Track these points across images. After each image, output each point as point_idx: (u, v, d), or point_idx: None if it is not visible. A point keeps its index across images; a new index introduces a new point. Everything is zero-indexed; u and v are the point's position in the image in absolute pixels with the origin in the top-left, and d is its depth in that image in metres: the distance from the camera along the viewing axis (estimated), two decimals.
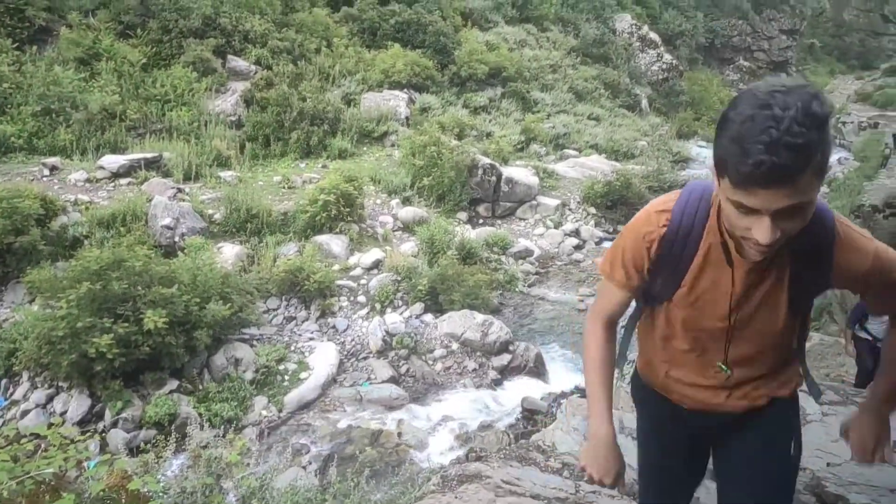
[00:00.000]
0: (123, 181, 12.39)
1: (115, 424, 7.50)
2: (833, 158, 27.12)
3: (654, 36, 34.19)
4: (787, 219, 1.35)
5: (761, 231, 1.36)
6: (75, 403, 7.65)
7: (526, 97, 22.50)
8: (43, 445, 3.48)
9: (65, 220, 10.50)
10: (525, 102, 22.36)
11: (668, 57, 33.75)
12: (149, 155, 13.17)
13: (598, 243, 15.11)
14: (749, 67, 51.81)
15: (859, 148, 26.16)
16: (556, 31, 29.19)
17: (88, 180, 12.15)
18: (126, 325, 7.56)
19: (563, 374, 9.90)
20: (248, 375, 8.78)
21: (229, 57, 17.21)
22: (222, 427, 7.61)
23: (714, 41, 48.66)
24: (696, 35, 43.41)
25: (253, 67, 17.29)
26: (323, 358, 9.46)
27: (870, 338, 6.66)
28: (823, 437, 5.13)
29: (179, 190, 12.42)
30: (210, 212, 11.95)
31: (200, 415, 7.76)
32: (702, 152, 25.71)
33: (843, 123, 31.08)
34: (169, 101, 15.18)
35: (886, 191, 15.84)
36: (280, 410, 8.52)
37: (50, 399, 7.78)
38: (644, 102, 28.61)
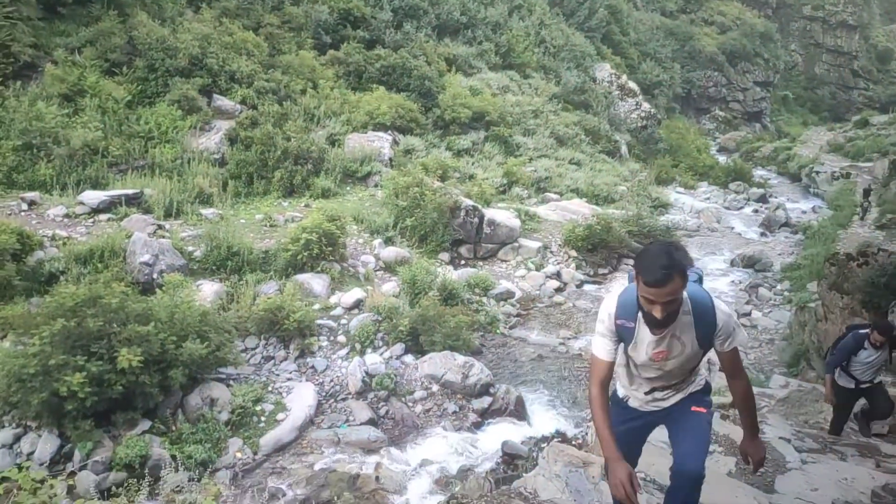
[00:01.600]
0: (103, 217, 12.29)
1: (84, 466, 7.26)
2: (807, 206, 27.81)
3: (632, 85, 35.12)
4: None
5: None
6: (43, 444, 7.41)
7: (508, 141, 22.87)
8: (14, 490, 3.36)
9: (41, 255, 10.34)
10: (507, 146, 22.72)
11: (646, 105, 34.64)
12: (130, 191, 13.11)
13: (578, 286, 15.19)
14: (724, 117, 53.31)
15: (832, 197, 26.85)
16: (539, 78, 29.90)
17: (67, 215, 12.04)
18: (99, 363, 7.39)
19: (545, 417, 9.82)
20: (224, 416, 8.59)
21: (215, 96, 17.34)
22: (196, 470, 7.40)
23: (691, 91, 50.13)
24: (673, 85, 44.73)
25: (238, 107, 17.42)
26: (301, 399, 9.30)
27: (852, 385, 6.66)
28: (804, 485, 5.12)
29: (160, 226, 12.34)
30: (190, 249, 11.86)
31: (173, 457, 7.53)
32: (679, 198, 26.20)
33: (817, 173, 31.92)
34: (153, 138, 15.20)
35: (860, 239, 16.22)
36: (255, 453, 8.31)
37: (17, 439, 7.52)
38: (623, 148, 29.21)
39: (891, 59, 67.18)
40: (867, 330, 6.56)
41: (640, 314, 2.84)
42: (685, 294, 2.83)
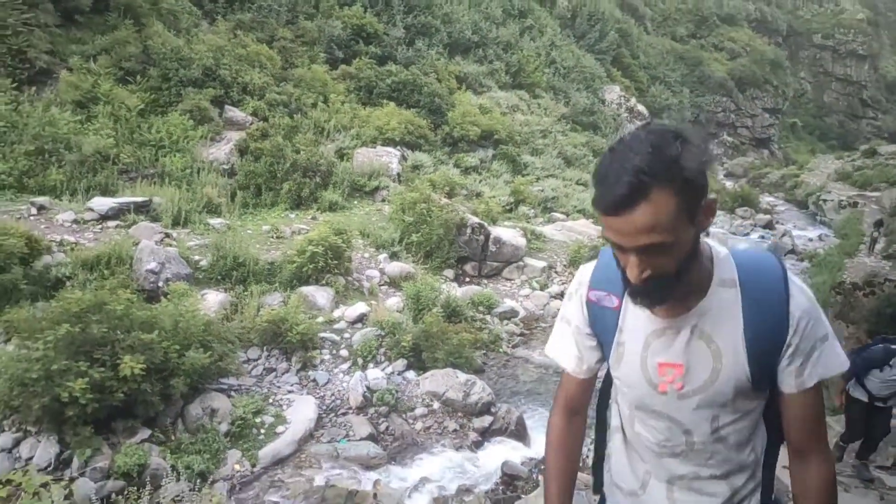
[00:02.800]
0: (111, 224, 12.35)
1: (82, 473, 7.23)
2: (813, 234, 27.75)
3: (641, 108, 35.28)
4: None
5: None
6: (43, 449, 7.38)
7: (516, 160, 22.94)
8: (17, 493, 3.35)
9: (49, 259, 10.38)
10: (515, 165, 22.79)
11: None
12: (139, 199, 13.18)
13: None
14: (733, 143, 53.41)
15: (839, 226, 26.82)
16: (548, 99, 30.05)
17: (76, 221, 12.10)
18: (102, 369, 7.38)
19: (545, 438, 9.75)
20: (224, 427, 8.56)
21: (226, 107, 17.49)
22: (194, 480, 7.36)
23: (699, 116, 50.24)
24: (682, 109, 44.87)
25: (249, 118, 17.55)
26: (301, 412, 9.27)
27: (865, 398, 6.30)
28: None
29: (167, 235, 12.39)
30: (196, 258, 11.89)
31: (172, 466, 7.51)
32: None
33: (824, 201, 31.92)
34: (163, 147, 15.32)
35: (867, 269, 16.16)
36: (254, 465, 8.27)
37: (17, 443, 7.50)
38: None
39: None
40: None
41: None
42: (715, 247, 1.55)
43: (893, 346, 6.15)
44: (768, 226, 28.27)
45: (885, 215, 25.06)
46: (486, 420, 9.72)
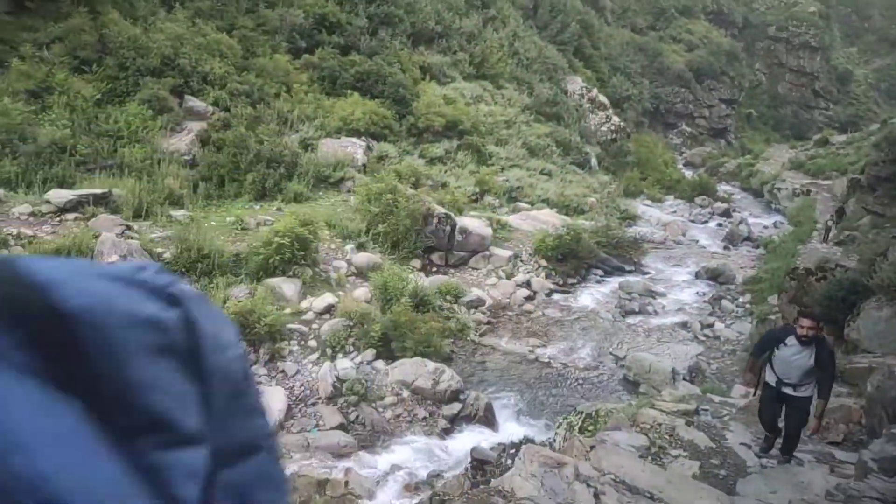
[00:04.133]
0: (70, 216, 12.07)
1: None
2: (769, 221, 28.58)
3: (603, 98, 35.74)
4: None
5: None
6: None
7: (481, 150, 23.08)
8: None
9: (5, 253, 10.12)
10: (480, 155, 22.92)
11: (616, 119, 35.28)
12: (98, 191, 12.90)
13: (548, 295, 15.39)
14: (691, 133, 54.51)
15: (793, 213, 27.70)
16: (511, 89, 30.23)
17: (33, 214, 11.80)
18: None
19: (513, 424, 9.93)
20: None
21: (186, 97, 17.17)
22: None
23: (659, 107, 51.14)
24: (642, 100, 45.63)
25: (210, 108, 17.27)
26: (270, 403, 9.26)
27: (772, 382, 6.03)
28: (763, 488, 5.32)
29: (128, 227, 12.16)
30: (159, 251, 11.72)
31: None
32: (647, 211, 26.73)
33: (778, 190, 32.89)
34: (122, 138, 14.99)
35: (819, 255, 16.76)
36: None
37: None
38: (593, 161, 29.68)
39: (850, 81, 69.59)
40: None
41: None
42: None
43: (792, 326, 6.01)
44: (725, 214, 29.03)
45: (836, 202, 25.96)
46: (455, 407, 9.85)
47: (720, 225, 26.96)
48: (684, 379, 11.19)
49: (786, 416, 6.13)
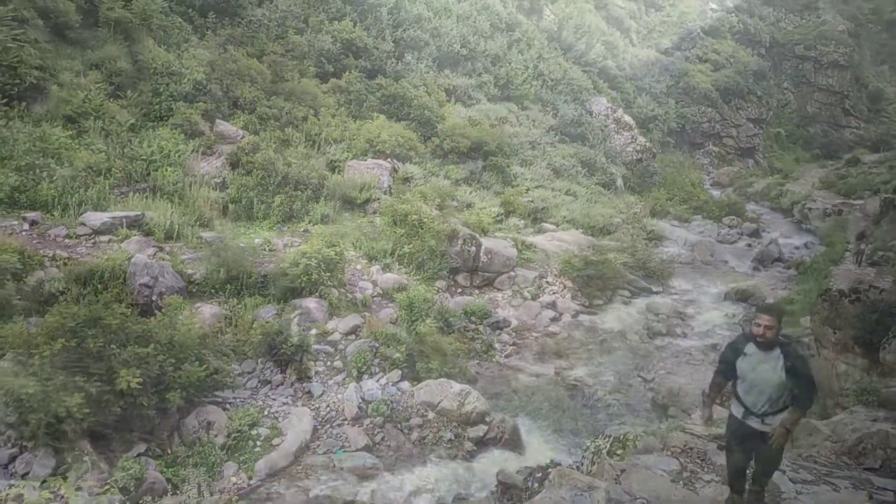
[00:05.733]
0: (104, 238, 12.34)
1: (79, 488, 7.22)
2: (800, 242, 28.02)
3: (628, 119, 35.62)
4: None
5: None
6: (39, 464, 7.37)
7: (506, 171, 23.12)
8: None
9: (42, 275, 10.38)
10: (505, 176, 22.96)
11: (641, 139, 35.09)
12: (131, 213, 13.19)
13: (574, 316, 15.27)
14: (718, 152, 53.94)
15: (825, 233, 27.14)
16: (536, 111, 30.32)
17: (68, 236, 12.09)
18: (98, 384, 7.41)
19: (540, 447, 9.83)
20: (220, 440, 8.58)
21: (217, 121, 17.54)
22: (191, 494, 7.37)
23: (685, 126, 50.77)
24: (668, 120, 45.38)
25: (240, 132, 17.61)
26: (297, 424, 9.30)
27: (739, 414, 5.17)
28: None
29: (160, 248, 12.40)
30: (190, 271, 11.92)
31: (169, 480, 7.52)
32: (674, 231, 26.45)
33: (809, 210, 32.30)
34: (155, 161, 15.32)
35: (852, 276, 16.39)
36: (250, 478, 8.29)
37: (12, 459, 7.48)
38: (619, 181, 29.53)
39: (881, 99, 68.39)
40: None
41: None
42: None
43: (750, 332, 5.07)
44: (754, 234, 28.57)
45: (869, 223, 25.41)
46: (480, 429, 9.79)
47: (749, 245, 26.52)
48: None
49: (755, 459, 5.20)
